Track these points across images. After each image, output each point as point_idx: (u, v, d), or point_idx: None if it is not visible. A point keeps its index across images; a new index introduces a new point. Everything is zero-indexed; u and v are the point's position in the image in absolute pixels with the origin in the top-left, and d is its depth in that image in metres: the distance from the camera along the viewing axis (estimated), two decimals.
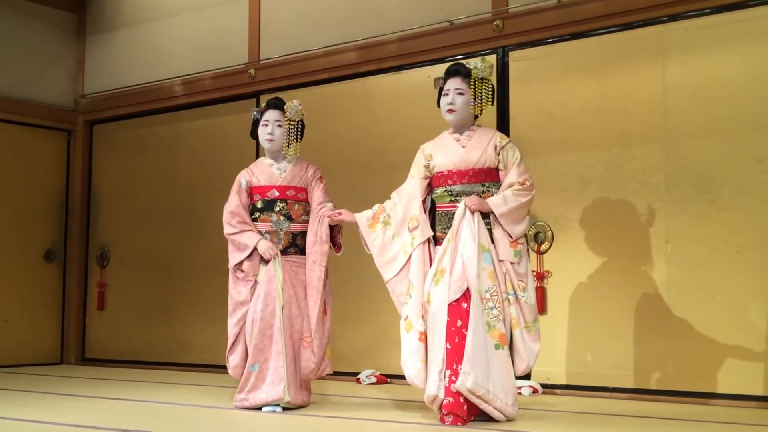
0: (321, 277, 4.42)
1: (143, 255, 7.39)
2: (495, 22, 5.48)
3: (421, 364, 3.91)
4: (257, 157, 6.06)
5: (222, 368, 5.86)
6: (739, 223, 4.63)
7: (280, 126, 4.54)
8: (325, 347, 4.43)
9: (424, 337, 3.92)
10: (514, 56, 5.45)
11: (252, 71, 6.68)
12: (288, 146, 4.54)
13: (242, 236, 4.48)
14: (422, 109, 5.62)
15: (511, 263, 3.94)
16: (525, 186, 4.00)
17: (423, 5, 5.90)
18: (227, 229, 4.53)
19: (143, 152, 7.51)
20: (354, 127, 6.16)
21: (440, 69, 4.91)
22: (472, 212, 3.91)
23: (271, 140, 4.54)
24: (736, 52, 4.71)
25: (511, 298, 3.93)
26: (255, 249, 4.43)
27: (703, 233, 4.73)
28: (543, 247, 5.24)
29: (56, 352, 7.62)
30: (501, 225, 3.95)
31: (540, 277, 5.20)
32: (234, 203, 4.55)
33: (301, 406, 4.42)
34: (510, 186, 4.00)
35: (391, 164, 3.96)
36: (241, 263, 4.46)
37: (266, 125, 4.56)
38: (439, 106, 4.17)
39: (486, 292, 3.83)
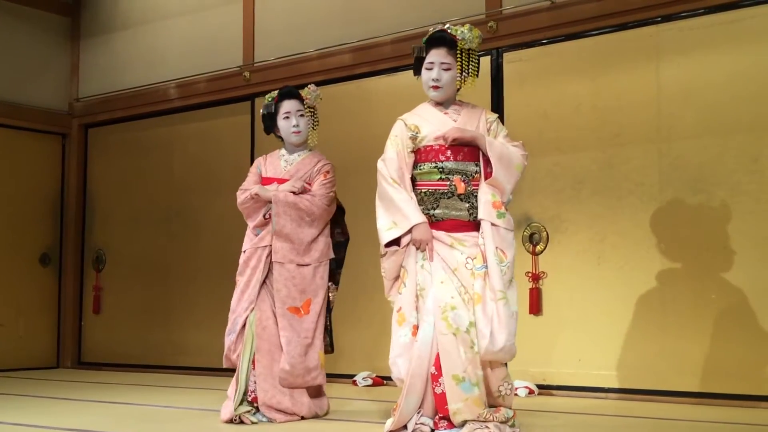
0: (287, 276, 4.05)
1: (139, 258, 7.38)
2: (489, 24, 5.49)
3: None
4: (252, 160, 6.06)
5: (219, 371, 5.85)
6: (733, 223, 4.64)
7: (302, 116, 4.25)
8: (304, 348, 4.00)
9: (417, 331, 3.49)
10: (508, 57, 5.45)
11: (247, 74, 6.67)
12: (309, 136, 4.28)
13: (254, 204, 4.17)
14: None
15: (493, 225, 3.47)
16: (517, 143, 3.67)
17: (417, 7, 5.90)
18: (238, 200, 4.23)
19: (138, 155, 7.50)
20: (349, 130, 6.15)
21: None
22: (447, 138, 3.52)
23: (299, 132, 4.24)
24: (729, 52, 4.73)
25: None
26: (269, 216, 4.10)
27: (698, 233, 4.74)
28: (538, 248, 5.24)
29: (52, 355, 7.61)
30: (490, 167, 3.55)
31: (535, 278, 5.20)
32: (246, 183, 4.30)
33: (304, 417, 4.05)
34: None
35: None
36: (262, 221, 4.14)
37: (288, 117, 4.23)
38: (416, 75, 3.73)
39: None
